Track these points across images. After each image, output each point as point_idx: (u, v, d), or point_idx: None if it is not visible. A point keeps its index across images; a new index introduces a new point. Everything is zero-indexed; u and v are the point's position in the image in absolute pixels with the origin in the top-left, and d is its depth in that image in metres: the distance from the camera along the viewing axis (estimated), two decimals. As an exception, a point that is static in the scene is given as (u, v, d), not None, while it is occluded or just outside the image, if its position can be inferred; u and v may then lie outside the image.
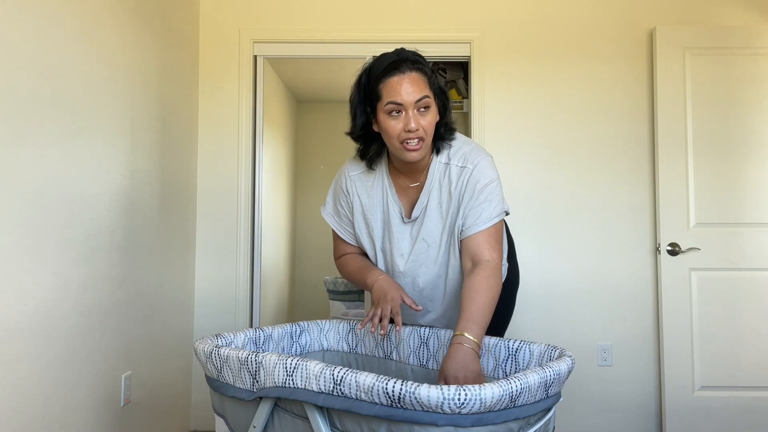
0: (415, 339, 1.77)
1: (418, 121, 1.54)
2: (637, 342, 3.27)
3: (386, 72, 1.54)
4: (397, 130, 1.54)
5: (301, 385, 1.28)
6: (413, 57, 1.58)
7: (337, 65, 3.56)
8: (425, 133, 1.55)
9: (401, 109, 1.53)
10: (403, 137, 1.54)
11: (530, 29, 3.39)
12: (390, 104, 1.53)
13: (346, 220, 1.81)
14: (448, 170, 1.66)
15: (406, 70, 1.54)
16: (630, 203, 3.32)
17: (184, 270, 3.15)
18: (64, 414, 2.01)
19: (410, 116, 1.53)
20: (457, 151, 1.67)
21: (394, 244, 1.72)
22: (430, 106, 1.56)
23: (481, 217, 1.61)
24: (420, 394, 1.09)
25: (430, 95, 1.56)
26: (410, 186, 1.71)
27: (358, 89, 1.62)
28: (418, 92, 1.53)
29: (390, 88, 1.53)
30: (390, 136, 1.57)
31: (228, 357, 1.44)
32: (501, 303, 1.72)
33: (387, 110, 1.54)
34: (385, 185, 1.73)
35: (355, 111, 1.63)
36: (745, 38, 3.21)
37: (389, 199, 1.72)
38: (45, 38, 1.91)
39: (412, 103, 1.52)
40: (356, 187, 1.76)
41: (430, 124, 1.57)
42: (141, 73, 2.62)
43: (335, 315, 3.75)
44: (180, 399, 3.10)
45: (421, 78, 1.55)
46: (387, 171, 1.73)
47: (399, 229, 1.72)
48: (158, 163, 2.79)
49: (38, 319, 1.87)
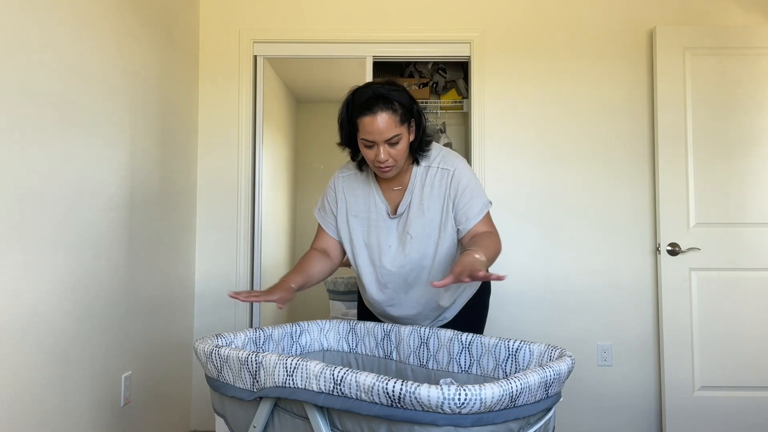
0: (415, 339, 1.77)
1: (388, 152, 1.76)
2: (637, 342, 3.27)
3: (361, 110, 1.74)
4: (371, 157, 1.78)
5: (302, 385, 1.28)
6: (386, 93, 1.74)
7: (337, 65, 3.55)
8: (395, 160, 1.78)
9: (374, 144, 1.75)
10: (377, 164, 1.78)
11: (530, 29, 3.39)
12: (364, 140, 1.76)
13: (330, 215, 2.01)
14: (428, 172, 1.88)
15: (377, 111, 1.72)
16: (630, 203, 3.32)
17: (184, 270, 3.15)
18: (64, 414, 2.01)
19: (380, 150, 1.75)
20: (436, 156, 1.90)
21: (382, 238, 1.90)
22: (399, 141, 1.76)
23: (472, 213, 1.83)
24: (420, 394, 1.10)
25: (400, 132, 1.75)
26: (393, 189, 1.92)
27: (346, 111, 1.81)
28: (388, 132, 1.73)
29: (364, 126, 1.74)
30: (366, 158, 1.81)
31: (228, 357, 1.44)
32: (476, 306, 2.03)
33: (362, 143, 1.78)
34: (372, 187, 1.94)
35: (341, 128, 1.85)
36: (745, 38, 3.21)
37: (377, 198, 1.93)
38: (44, 38, 1.91)
39: (383, 141, 1.74)
40: (344, 187, 1.98)
41: (400, 152, 1.78)
42: (141, 72, 2.62)
43: (335, 315, 3.74)
44: (180, 399, 3.10)
45: (391, 117, 1.73)
46: (373, 175, 1.95)
47: (386, 224, 1.91)
48: (158, 162, 2.79)
49: (38, 318, 1.87)
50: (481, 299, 2.06)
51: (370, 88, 1.77)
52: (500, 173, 3.35)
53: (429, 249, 1.87)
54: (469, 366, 1.65)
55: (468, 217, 1.83)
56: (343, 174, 1.99)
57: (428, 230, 1.86)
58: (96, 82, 2.23)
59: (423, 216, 1.86)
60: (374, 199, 1.92)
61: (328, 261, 1.99)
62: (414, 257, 1.87)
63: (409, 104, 1.79)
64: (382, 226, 1.91)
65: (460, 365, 1.67)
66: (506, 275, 1.73)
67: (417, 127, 1.83)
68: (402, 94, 1.78)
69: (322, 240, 2.02)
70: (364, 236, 1.93)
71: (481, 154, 3.34)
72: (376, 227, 1.91)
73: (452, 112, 4.25)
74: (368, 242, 1.93)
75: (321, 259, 1.98)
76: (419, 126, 1.83)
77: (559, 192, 3.34)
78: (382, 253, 1.90)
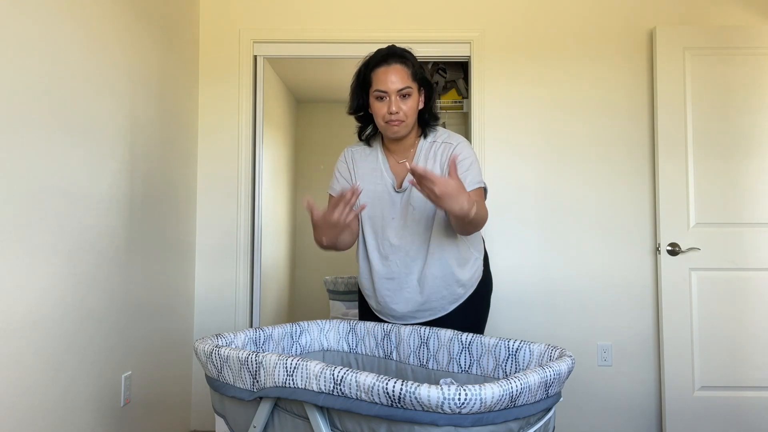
0: (415, 339, 1.77)
1: (399, 106, 1.83)
2: (637, 342, 3.27)
3: (377, 63, 1.85)
4: (382, 112, 1.84)
5: (302, 385, 1.28)
6: (400, 52, 1.88)
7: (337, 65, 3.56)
8: (405, 115, 1.84)
9: (386, 96, 1.83)
10: (387, 118, 1.84)
11: (530, 29, 3.39)
12: (377, 91, 1.83)
13: (343, 181, 2.04)
14: (433, 147, 1.94)
15: (392, 63, 1.84)
16: (630, 203, 3.32)
17: (184, 270, 3.15)
18: (64, 414, 2.01)
19: (392, 101, 1.82)
20: (441, 133, 1.97)
21: (386, 211, 1.95)
22: (410, 94, 1.84)
23: (467, 181, 1.87)
24: (420, 394, 1.10)
25: (411, 86, 1.84)
26: (399, 162, 1.97)
27: (357, 77, 1.92)
28: (400, 83, 1.82)
29: (378, 77, 1.83)
30: (377, 115, 1.87)
31: (228, 357, 1.44)
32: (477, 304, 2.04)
33: (375, 95, 1.85)
34: (379, 160, 1.99)
35: (353, 93, 1.94)
36: (745, 38, 3.21)
37: (383, 171, 1.98)
38: (44, 38, 1.91)
39: (395, 91, 1.82)
40: (354, 157, 2.04)
41: (410, 109, 1.85)
42: (141, 72, 2.62)
43: (335, 315, 3.75)
44: (180, 399, 3.10)
45: (404, 69, 1.84)
46: (381, 149, 2.01)
47: (391, 197, 1.96)
48: (158, 162, 2.79)
49: (38, 319, 1.87)
50: (483, 297, 2.06)
51: (386, 48, 1.89)
52: (500, 173, 3.35)
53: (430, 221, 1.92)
54: (469, 366, 1.65)
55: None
56: (353, 148, 2.06)
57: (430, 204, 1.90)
58: (96, 83, 2.23)
59: None
60: (381, 172, 1.97)
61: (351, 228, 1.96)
62: (415, 229, 1.92)
63: (421, 70, 1.90)
64: (386, 198, 1.95)
65: (460, 365, 1.67)
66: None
67: (427, 97, 1.92)
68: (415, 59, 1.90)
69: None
70: (368, 209, 1.99)
71: (482, 153, 3.34)
72: (380, 200, 1.96)
73: (452, 112, 4.26)
74: (372, 214, 1.98)
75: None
76: (429, 97, 1.92)
77: (559, 192, 3.34)
78: (386, 225, 1.95)
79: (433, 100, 1.95)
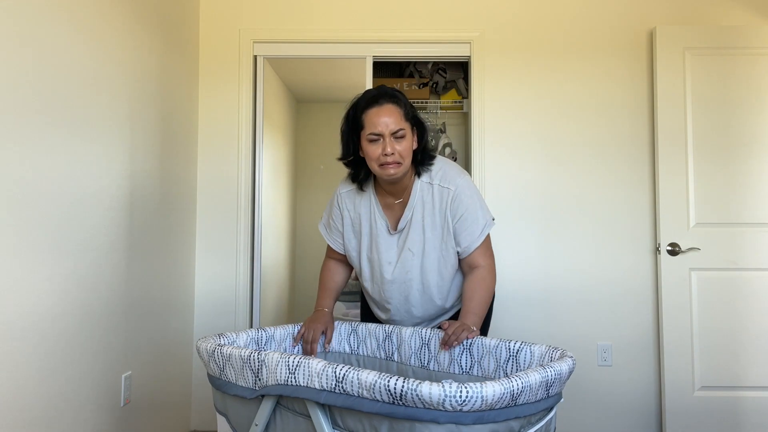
0: (416, 340, 1.78)
1: (394, 147, 1.76)
2: (637, 342, 3.27)
3: (367, 105, 1.79)
4: (376, 154, 1.77)
5: (304, 383, 1.28)
6: (391, 92, 1.82)
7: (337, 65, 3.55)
8: (401, 157, 1.78)
9: (380, 138, 1.76)
10: (382, 160, 1.77)
11: (530, 29, 3.40)
12: (371, 135, 1.77)
13: (336, 232, 2.02)
14: (431, 189, 1.87)
15: (383, 103, 1.78)
16: (630, 203, 3.32)
17: (184, 270, 3.15)
18: (64, 414, 2.01)
19: (387, 143, 1.75)
20: (438, 171, 1.88)
21: (382, 254, 1.91)
22: (405, 136, 1.78)
23: (472, 237, 1.85)
24: (422, 391, 1.10)
25: (405, 127, 1.78)
26: (395, 203, 1.91)
27: (347, 121, 1.85)
28: (394, 124, 1.76)
29: (370, 119, 1.77)
30: (371, 159, 1.80)
31: (231, 355, 1.44)
32: None
33: (368, 138, 1.78)
34: (372, 203, 1.93)
35: (343, 138, 1.87)
36: (745, 38, 3.21)
37: (376, 215, 1.93)
38: (44, 38, 1.91)
39: (389, 133, 1.76)
40: (345, 203, 1.98)
41: (406, 150, 1.79)
42: (141, 72, 2.62)
43: (336, 316, 3.74)
44: (180, 399, 3.10)
45: (397, 110, 1.78)
46: (374, 191, 1.94)
47: (386, 240, 1.92)
48: (158, 163, 2.79)
49: (38, 319, 1.87)
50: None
51: (375, 89, 1.85)
52: (500, 173, 3.35)
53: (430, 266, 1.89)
54: (470, 367, 1.65)
55: (468, 243, 1.86)
56: (344, 190, 2.00)
57: (428, 248, 1.87)
58: (96, 83, 2.23)
59: (423, 233, 1.87)
60: (375, 216, 1.93)
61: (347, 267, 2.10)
62: (415, 274, 1.89)
63: (412, 110, 1.86)
64: (381, 242, 1.92)
65: (461, 366, 1.67)
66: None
67: (420, 136, 1.86)
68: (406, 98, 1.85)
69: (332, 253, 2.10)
70: (366, 251, 1.95)
71: (481, 154, 3.34)
72: (377, 243, 1.92)
73: (452, 112, 4.26)
74: (370, 257, 1.95)
75: (340, 268, 2.09)
76: (422, 136, 1.86)
77: (559, 191, 3.34)
78: (383, 269, 1.92)
79: (426, 139, 1.89)
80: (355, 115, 1.81)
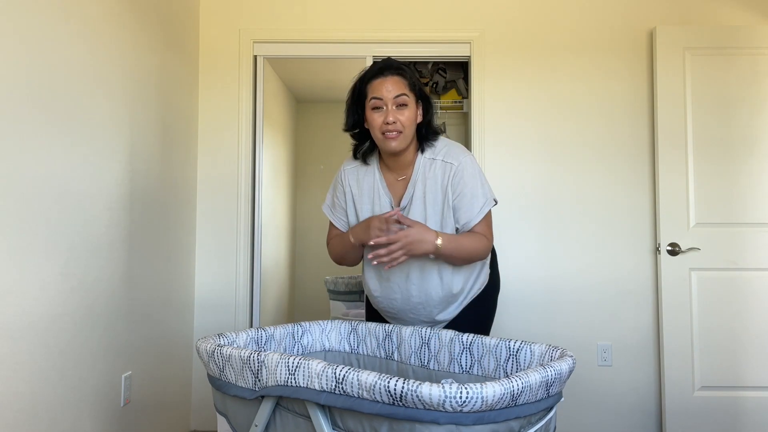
0: (416, 339, 1.77)
1: (396, 116, 1.79)
2: (637, 342, 3.27)
3: (373, 75, 1.83)
4: (379, 123, 1.81)
5: (303, 384, 1.28)
6: (396, 64, 1.86)
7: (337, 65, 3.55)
8: (402, 126, 1.80)
9: (382, 104, 1.80)
10: (384, 129, 1.80)
11: (530, 29, 3.40)
12: (373, 99, 1.81)
13: (340, 210, 2.01)
14: (433, 165, 1.87)
15: (388, 74, 1.82)
16: (630, 203, 3.32)
17: (184, 270, 3.15)
18: (64, 414, 2.01)
19: (389, 111, 1.79)
20: (441, 148, 1.90)
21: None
22: (407, 104, 1.81)
23: (471, 214, 1.85)
24: (422, 392, 1.10)
25: (408, 95, 1.82)
26: (398, 180, 1.92)
27: (352, 93, 1.90)
28: (396, 90, 1.80)
29: (374, 87, 1.82)
30: (373, 127, 1.83)
31: (230, 356, 1.44)
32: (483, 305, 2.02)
33: (371, 105, 1.82)
34: (376, 178, 1.94)
35: (348, 110, 1.91)
36: (745, 38, 3.21)
37: (380, 190, 1.93)
38: (43, 37, 1.91)
39: (391, 99, 1.79)
40: (349, 179, 1.98)
41: (408, 119, 1.81)
42: (141, 72, 2.62)
43: (336, 315, 3.74)
44: (180, 399, 3.10)
45: (400, 80, 1.82)
46: (378, 167, 1.95)
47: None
48: (158, 162, 2.79)
49: (37, 319, 1.87)
50: (489, 296, 2.05)
51: (381, 61, 1.88)
52: (500, 173, 3.35)
53: None
54: (470, 366, 1.65)
55: (467, 219, 1.85)
56: (348, 167, 2.00)
57: (429, 224, 1.85)
58: (95, 83, 2.23)
59: (425, 209, 1.86)
60: (378, 191, 1.92)
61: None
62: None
63: (419, 83, 1.89)
64: None
65: (461, 366, 1.67)
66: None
67: (425, 110, 1.88)
68: (413, 72, 1.88)
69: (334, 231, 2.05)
70: None
71: (481, 154, 3.34)
72: None
73: (452, 112, 4.26)
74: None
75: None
76: (426, 110, 1.89)
77: (560, 191, 3.34)
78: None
79: (431, 114, 1.91)
80: (360, 87, 1.85)
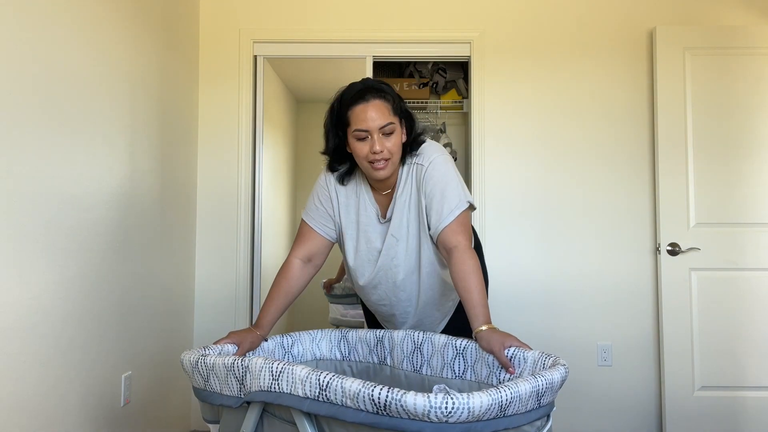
0: (408, 344, 1.75)
1: (383, 144, 1.68)
2: (637, 342, 3.26)
3: (353, 101, 1.68)
4: (365, 152, 1.69)
5: (287, 390, 1.26)
6: (377, 86, 1.72)
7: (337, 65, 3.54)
8: (390, 153, 1.70)
9: (367, 135, 1.68)
10: (371, 158, 1.69)
11: (530, 29, 3.38)
12: (357, 131, 1.68)
13: (324, 214, 1.88)
14: (412, 169, 1.79)
15: (370, 98, 1.67)
16: (630, 203, 3.31)
17: (185, 270, 3.16)
18: (64, 414, 2.02)
19: (375, 140, 1.67)
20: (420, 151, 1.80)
21: (371, 243, 1.84)
22: (393, 131, 1.70)
23: (442, 215, 1.71)
24: (406, 401, 1.07)
25: (394, 121, 1.70)
26: (383, 194, 1.84)
27: (331, 115, 1.76)
28: (382, 119, 1.67)
29: (356, 116, 1.67)
30: (359, 157, 1.72)
31: (214, 365, 1.42)
32: None
33: (355, 136, 1.69)
34: (362, 189, 1.85)
35: (328, 134, 1.78)
36: (745, 38, 3.19)
37: (366, 201, 1.84)
38: (43, 37, 1.91)
39: (377, 129, 1.67)
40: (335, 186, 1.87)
41: (395, 146, 1.71)
42: (141, 72, 2.62)
43: (334, 316, 3.75)
44: (180, 399, 3.11)
45: (383, 105, 1.68)
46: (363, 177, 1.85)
47: (375, 229, 1.84)
48: (158, 163, 2.79)
49: (37, 319, 1.88)
50: None
51: (360, 82, 1.74)
52: (500, 173, 3.34)
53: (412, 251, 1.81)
54: (463, 372, 1.63)
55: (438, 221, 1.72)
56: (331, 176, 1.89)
57: (412, 230, 1.79)
58: (95, 83, 2.23)
59: (407, 217, 1.79)
60: (364, 202, 1.84)
61: (308, 269, 1.89)
62: (400, 260, 1.82)
63: (400, 102, 1.76)
64: (370, 231, 1.84)
65: (454, 371, 1.65)
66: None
67: (408, 129, 1.78)
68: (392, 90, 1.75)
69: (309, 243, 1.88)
70: (353, 240, 1.87)
71: (481, 154, 3.33)
72: (365, 232, 1.85)
73: (452, 112, 4.24)
74: (357, 247, 1.87)
75: (305, 271, 1.89)
76: (410, 128, 1.78)
77: (559, 191, 3.33)
78: (371, 257, 1.84)
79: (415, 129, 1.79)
80: (340, 111, 1.71)
